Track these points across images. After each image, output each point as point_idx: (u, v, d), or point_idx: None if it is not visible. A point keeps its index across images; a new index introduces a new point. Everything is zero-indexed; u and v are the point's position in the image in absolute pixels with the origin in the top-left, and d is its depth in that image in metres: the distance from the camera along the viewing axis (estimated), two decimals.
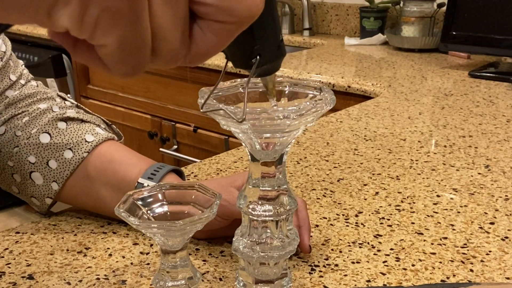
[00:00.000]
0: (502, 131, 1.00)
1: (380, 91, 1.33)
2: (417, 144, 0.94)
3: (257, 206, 0.44)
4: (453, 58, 1.73)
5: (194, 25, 0.29)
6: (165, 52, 0.29)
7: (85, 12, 0.26)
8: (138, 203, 0.48)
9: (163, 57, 0.29)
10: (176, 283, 0.47)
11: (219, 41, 0.29)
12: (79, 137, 0.66)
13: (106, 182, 0.63)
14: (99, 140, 0.66)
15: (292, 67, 1.56)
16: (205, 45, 0.30)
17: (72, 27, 0.26)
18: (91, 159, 0.65)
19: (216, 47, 0.30)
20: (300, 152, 0.90)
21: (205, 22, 0.29)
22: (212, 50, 0.30)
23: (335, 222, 0.66)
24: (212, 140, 1.74)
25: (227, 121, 0.40)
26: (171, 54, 0.29)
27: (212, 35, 0.29)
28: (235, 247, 0.46)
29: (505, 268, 0.56)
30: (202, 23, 0.29)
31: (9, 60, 0.70)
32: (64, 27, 0.26)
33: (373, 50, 1.87)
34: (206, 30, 0.29)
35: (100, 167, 0.64)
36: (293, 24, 2.24)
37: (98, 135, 0.66)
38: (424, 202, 0.71)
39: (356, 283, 0.54)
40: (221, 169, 0.82)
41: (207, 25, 0.29)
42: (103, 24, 0.26)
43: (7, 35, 0.71)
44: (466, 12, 1.52)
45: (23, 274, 0.55)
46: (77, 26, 0.26)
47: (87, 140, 0.65)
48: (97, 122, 0.70)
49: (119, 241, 0.61)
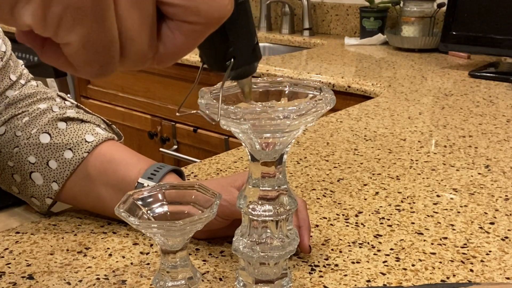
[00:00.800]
0: (502, 131, 1.00)
1: (380, 91, 1.33)
2: (417, 144, 0.94)
3: (257, 206, 0.44)
4: (453, 58, 1.73)
5: (163, 25, 0.29)
6: (133, 52, 0.28)
7: (47, 9, 0.26)
8: (138, 203, 0.48)
9: (131, 58, 0.29)
10: (176, 283, 0.47)
11: (188, 41, 0.29)
12: (79, 137, 0.66)
13: (106, 182, 0.63)
14: (99, 140, 0.66)
15: (292, 67, 1.56)
16: (174, 46, 0.29)
17: (35, 25, 0.26)
18: (91, 159, 0.65)
19: (185, 48, 0.30)
20: (300, 152, 0.90)
21: (174, 22, 0.29)
22: (182, 51, 0.30)
23: (335, 222, 0.66)
24: (212, 140, 1.74)
25: (227, 121, 0.40)
26: (139, 55, 0.29)
27: (181, 36, 0.29)
28: (235, 247, 0.46)
29: (505, 268, 0.56)
30: (171, 24, 0.29)
31: (9, 60, 0.70)
32: (27, 25, 0.26)
33: (373, 50, 1.87)
34: (175, 31, 0.29)
35: (100, 167, 0.64)
36: (293, 24, 2.24)
37: (98, 135, 0.66)
38: (424, 202, 0.71)
39: (356, 283, 0.54)
40: (221, 169, 0.82)
41: (176, 25, 0.29)
42: (66, 21, 0.26)
43: (7, 35, 0.71)
44: (466, 12, 1.52)
45: (23, 274, 0.55)
46: (40, 24, 0.26)
47: (87, 140, 0.65)
48: (97, 122, 0.70)
49: (119, 241, 0.61)
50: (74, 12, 0.26)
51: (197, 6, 0.28)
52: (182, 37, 0.29)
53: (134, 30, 0.28)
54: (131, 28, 0.27)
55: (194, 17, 0.28)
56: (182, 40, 0.29)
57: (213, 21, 0.29)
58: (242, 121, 0.39)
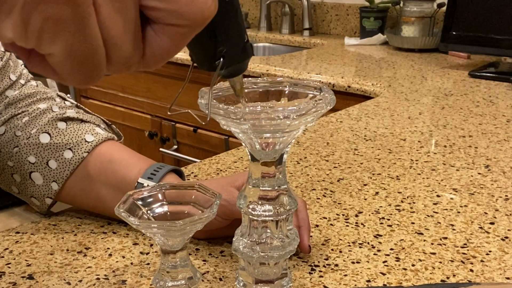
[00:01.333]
0: (502, 131, 1.00)
1: (380, 91, 1.33)
2: (417, 144, 0.94)
3: (257, 206, 0.44)
4: (453, 58, 1.73)
5: (148, 29, 0.29)
6: (118, 58, 0.28)
7: (27, 22, 0.25)
8: (138, 203, 0.48)
9: (117, 63, 0.29)
10: (176, 283, 0.47)
11: (174, 43, 0.29)
12: (79, 137, 0.66)
13: (106, 182, 0.63)
14: (99, 140, 0.66)
15: (292, 67, 1.56)
16: (160, 48, 0.30)
17: (16, 38, 0.26)
18: (91, 159, 0.65)
19: (171, 50, 0.30)
20: (300, 152, 0.90)
21: (159, 25, 0.29)
22: (168, 53, 0.30)
23: (335, 222, 0.66)
24: (212, 140, 1.74)
25: (227, 121, 0.40)
26: (124, 59, 0.29)
27: (167, 38, 0.29)
28: (235, 247, 0.46)
29: (505, 268, 0.56)
30: (156, 27, 0.29)
31: (9, 60, 0.70)
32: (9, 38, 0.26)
33: (373, 50, 1.87)
34: (160, 34, 0.29)
35: (100, 167, 0.64)
36: (293, 24, 2.24)
37: (98, 135, 0.66)
38: (424, 202, 0.71)
39: (356, 283, 0.54)
40: (221, 169, 0.82)
41: (160, 28, 0.29)
42: (47, 33, 0.26)
43: None
44: (466, 12, 1.52)
45: (23, 274, 0.55)
46: (21, 37, 0.26)
47: (87, 140, 0.65)
48: (96, 122, 0.70)
49: (119, 241, 0.61)
50: (54, 23, 0.25)
51: (180, 9, 0.28)
52: (167, 40, 0.29)
53: (118, 36, 0.28)
54: (115, 34, 0.27)
55: (178, 20, 0.28)
56: (168, 42, 0.29)
57: (197, 22, 0.29)
58: (242, 121, 0.39)
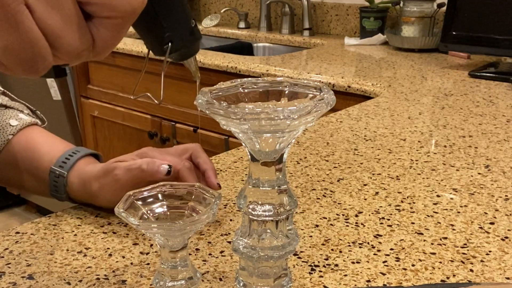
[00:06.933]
0: (502, 131, 1.00)
1: (380, 91, 1.33)
2: (417, 144, 0.94)
3: (257, 206, 0.44)
4: (453, 58, 1.73)
5: (90, 23, 0.32)
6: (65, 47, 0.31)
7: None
8: (138, 203, 0.48)
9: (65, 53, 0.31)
10: (176, 283, 0.47)
11: (113, 35, 0.32)
12: (3, 122, 0.68)
13: (25, 169, 0.66)
14: (22, 124, 0.68)
15: (292, 67, 1.56)
16: (102, 40, 0.32)
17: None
18: (15, 146, 0.67)
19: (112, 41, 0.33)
20: (300, 152, 0.90)
21: (97, 19, 0.31)
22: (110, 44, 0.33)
23: (335, 222, 0.66)
24: (212, 140, 1.74)
25: (227, 121, 0.40)
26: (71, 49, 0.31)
27: (105, 30, 0.32)
28: (235, 247, 0.46)
29: (505, 268, 0.56)
30: (95, 20, 0.32)
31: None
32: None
33: (373, 50, 1.87)
34: (99, 26, 0.32)
35: (22, 154, 0.67)
36: (293, 24, 2.24)
37: (22, 120, 0.69)
38: (424, 202, 0.71)
39: (356, 283, 0.54)
40: (221, 169, 0.82)
41: (98, 21, 0.32)
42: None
43: None
44: (466, 12, 1.52)
45: (23, 274, 0.55)
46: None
47: (11, 124, 0.68)
48: (20, 108, 0.73)
49: (119, 241, 0.61)
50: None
51: (110, 2, 0.31)
52: (106, 31, 0.32)
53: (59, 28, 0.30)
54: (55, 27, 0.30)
55: (110, 12, 0.31)
56: (107, 34, 0.32)
57: (128, 14, 0.31)
58: (242, 121, 0.39)
